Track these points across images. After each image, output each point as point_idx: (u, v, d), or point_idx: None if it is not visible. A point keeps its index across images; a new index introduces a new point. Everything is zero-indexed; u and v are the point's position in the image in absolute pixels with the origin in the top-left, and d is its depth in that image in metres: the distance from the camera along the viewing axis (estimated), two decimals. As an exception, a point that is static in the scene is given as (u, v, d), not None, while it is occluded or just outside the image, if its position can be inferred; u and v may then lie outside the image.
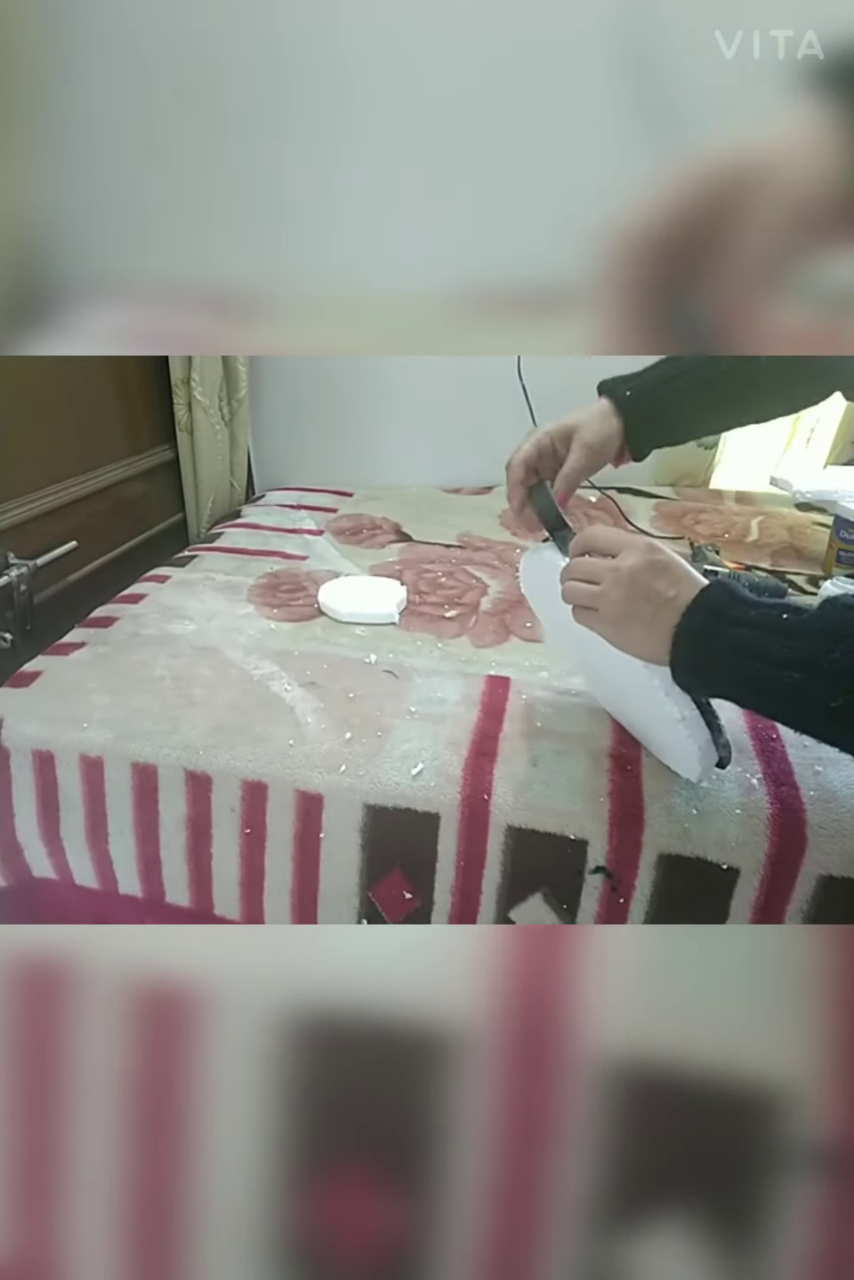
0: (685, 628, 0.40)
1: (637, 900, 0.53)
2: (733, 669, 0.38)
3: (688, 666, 0.41)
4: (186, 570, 0.95)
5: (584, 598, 0.47)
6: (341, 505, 1.26)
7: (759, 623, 0.38)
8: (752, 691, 0.39)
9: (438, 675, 0.70)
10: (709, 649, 0.40)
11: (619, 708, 0.61)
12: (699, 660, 0.41)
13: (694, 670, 0.41)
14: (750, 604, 0.39)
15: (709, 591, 0.41)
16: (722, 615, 0.39)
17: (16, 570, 0.83)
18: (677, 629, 0.41)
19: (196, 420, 1.21)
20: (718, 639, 0.39)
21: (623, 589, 0.44)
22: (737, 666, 0.38)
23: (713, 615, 0.40)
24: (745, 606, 0.39)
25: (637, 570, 0.44)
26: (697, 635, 0.40)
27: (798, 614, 0.37)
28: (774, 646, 0.36)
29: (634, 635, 0.44)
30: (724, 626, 0.39)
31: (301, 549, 1.04)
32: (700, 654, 0.40)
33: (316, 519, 1.18)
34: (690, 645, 0.41)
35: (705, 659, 0.40)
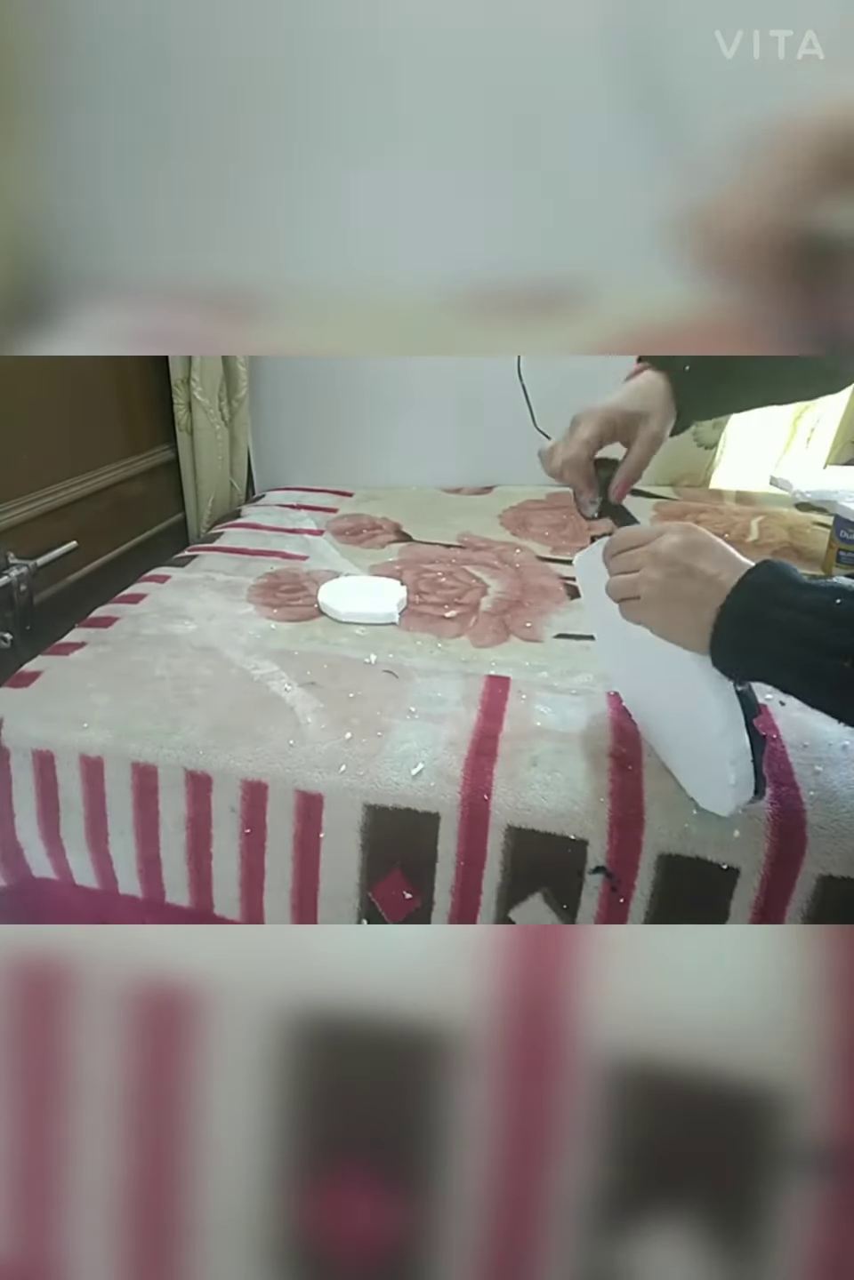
0: (730, 608, 0.39)
1: (637, 900, 0.53)
2: (780, 654, 0.37)
3: (731, 648, 0.40)
4: (186, 570, 0.95)
5: (626, 587, 0.45)
6: (341, 505, 1.26)
7: (810, 607, 0.36)
8: (799, 678, 0.37)
9: (438, 675, 0.70)
10: (756, 632, 0.38)
11: (655, 725, 0.58)
12: (744, 643, 0.39)
13: (738, 653, 0.40)
14: (801, 586, 0.37)
15: (757, 571, 0.39)
16: (770, 596, 0.38)
17: (16, 570, 0.83)
18: (721, 609, 0.39)
19: (196, 420, 1.21)
20: (765, 622, 0.37)
21: (662, 568, 0.42)
22: (784, 652, 0.36)
23: (760, 596, 0.38)
24: (795, 589, 0.37)
25: (676, 547, 0.42)
26: (742, 617, 0.38)
27: (851, 598, 0.36)
28: (826, 633, 0.35)
29: (678, 618, 0.42)
30: (772, 609, 0.37)
31: (301, 549, 1.04)
32: (745, 636, 0.39)
33: (316, 519, 1.18)
34: (735, 627, 0.39)
35: (751, 641, 0.39)
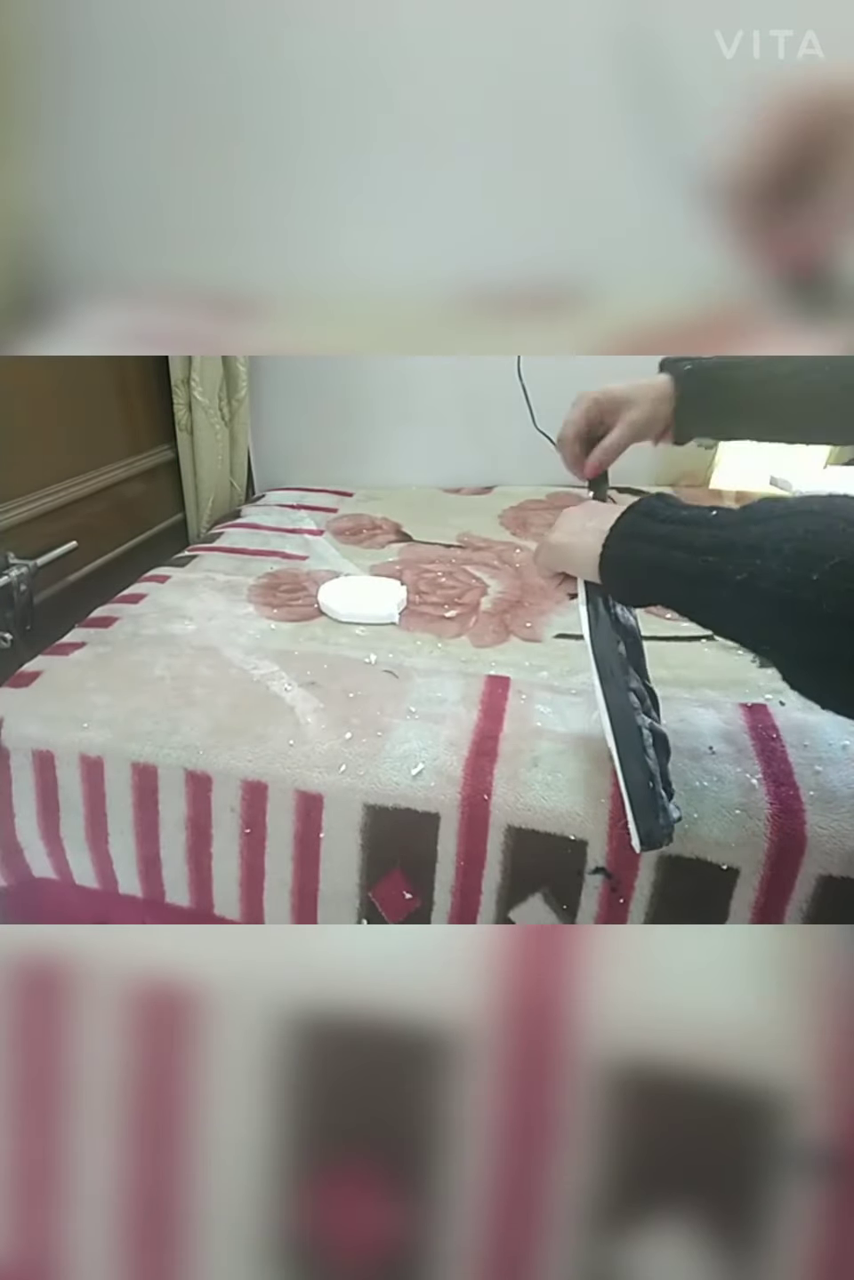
0: (616, 527, 0.42)
1: (637, 900, 0.53)
2: (656, 560, 0.39)
3: (615, 562, 0.43)
4: (186, 570, 0.95)
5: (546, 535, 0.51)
6: (341, 505, 1.26)
7: (687, 519, 0.39)
8: (671, 581, 0.39)
9: (438, 675, 0.70)
10: (637, 543, 0.41)
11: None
12: (626, 555, 0.42)
13: (621, 566, 0.43)
14: (682, 506, 0.41)
15: (644, 498, 0.43)
16: (652, 515, 0.41)
17: (16, 570, 0.83)
18: (610, 531, 0.43)
19: (196, 420, 1.21)
20: (646, 535, 0.40)
21: (564, 519, 0.49)
22: (660, 557, 0.39)
23: (644, 515, 0.41)
24: (677, 508, 0.41)
25: (579, 506, 0.49)
26: (626, 533, 0.42)
27: (728, 512, 0.38)
28: (698, 535, 0.37)
29: (573, 546, 0.47)
30: (653, 524, 0.40)
31: (301, 549, 1.04)
32: (628, 548, 0.42)
33: (316, 519, 1.18)
34: (619, 541, 0.42)
35: (632, 552, 0.41)
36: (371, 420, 1.40)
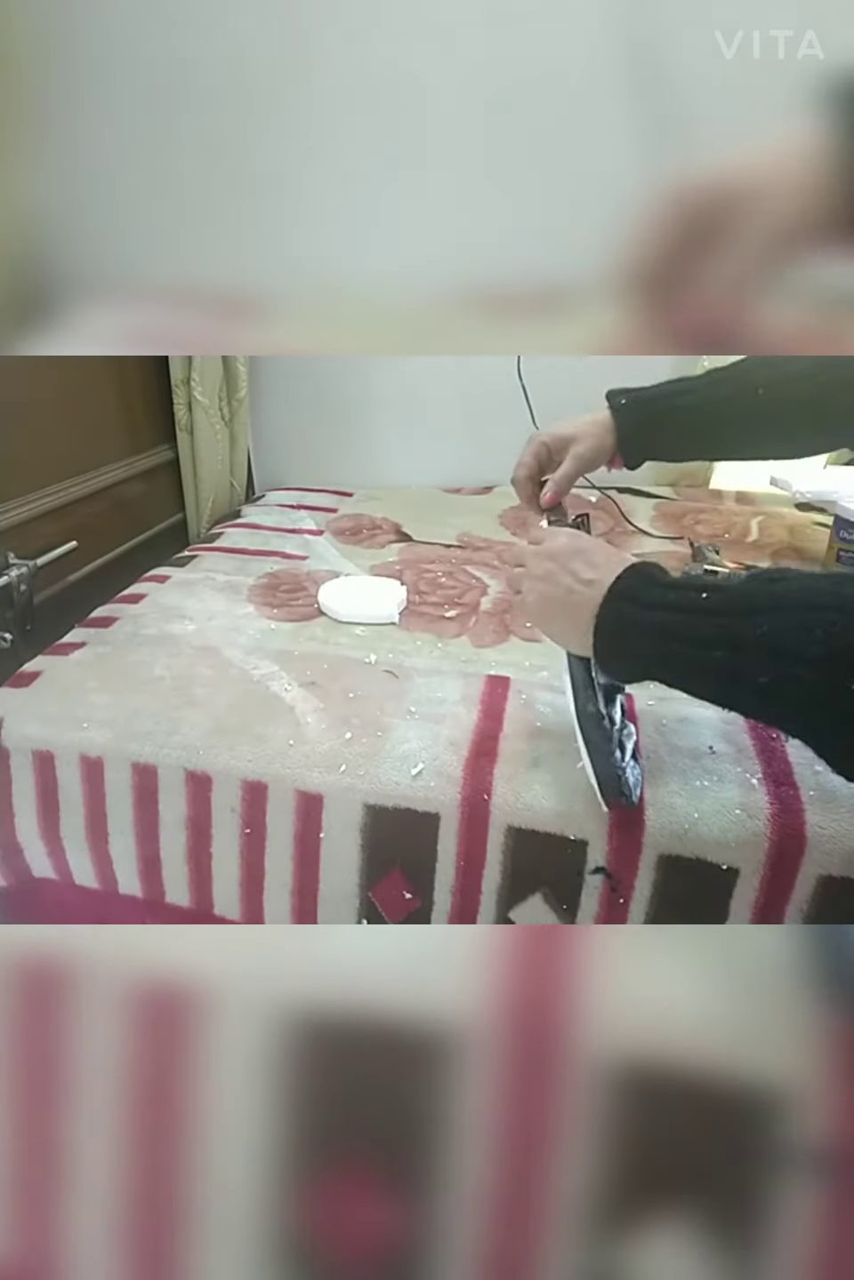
0: (602, 618, 0.41)
1: (637, 901, 0.53)
2: (655, 654, 0.38)
3: (610, 655, 0.42)
4: (186, 570, 0.95)
5: (513, 581, 0.48)
6: (341, 505, 1.26)
7: (677, 605, 0.37)
8: (677, 674, 0.39)
9: (438, 675, 0.70)
10: (629, 637, 0.40)
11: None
12: (621, 649, 0.41)
13: (617, 659, 0.42)
14: (666, 586, 0.39)
15: (623, 578, 0.41)
16: (636, 600, 0.39)
17: (16, 570, 0.83)
18: (596, 620, 0.41)
19: (196, 420, 1.21)
20: (636, 626, 0.39)
21: (543, 566, 0.45)
22: (658, 650, 0.38)
23: (628, 602, 0.40)
24: (662, 589, 0.39)
25: (556, 549, 0.45)
26: (614, 627, 0.40)
27: (719, 592, 0.37)
28: (696, 626, 0.36)
29: (556, 622, 0.45)
30: (640, 612, 0.39)
31: (301, 549, 1.04)
32: (621, 643, 0.41)
33: (316, 519, 1.18)
34: (610, 637, 0.41)
35: (627, 647, 0.40)
36: (371, 420, 1.40)
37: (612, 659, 0.42)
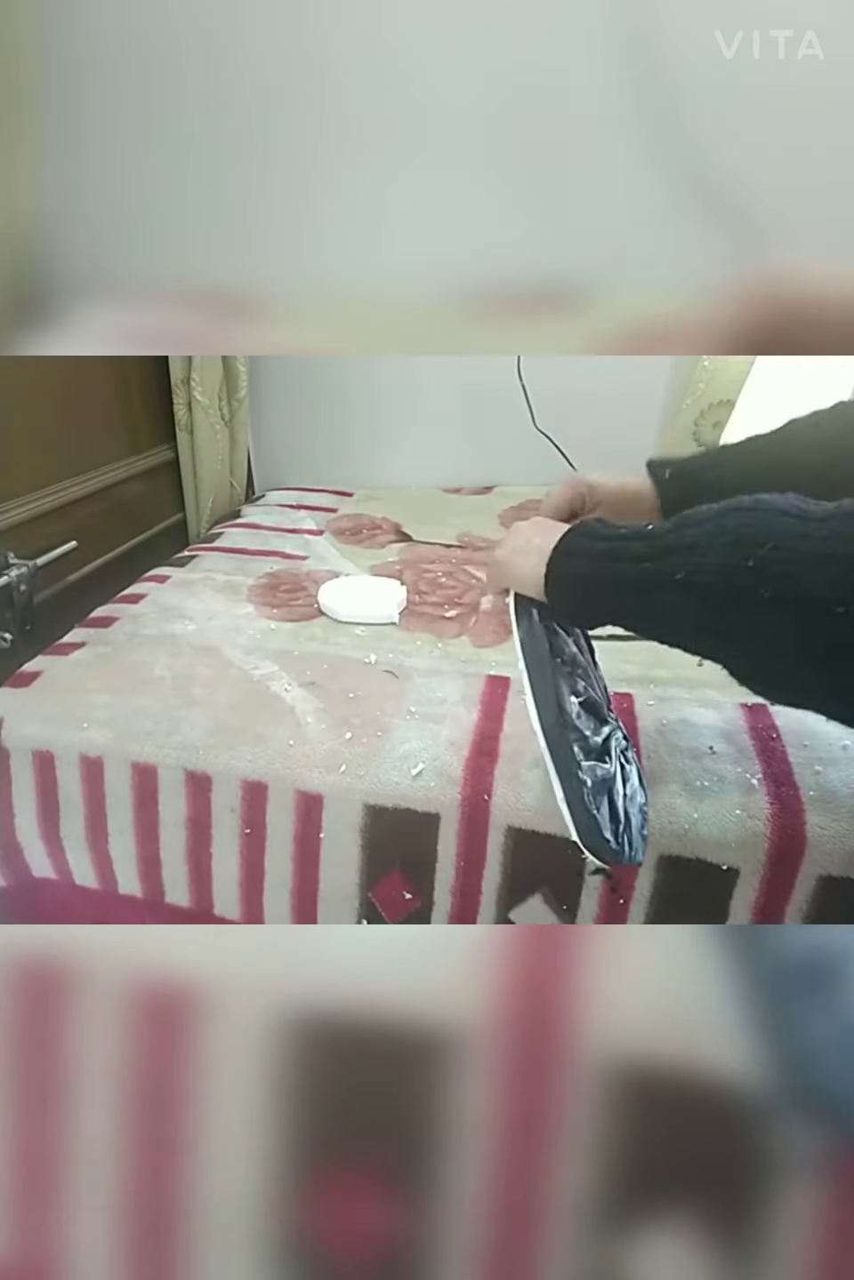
0: (559, 547, 0.44)
1: (636, 901, 0.53)
2: (597, 575, 0.41)
3: (558, 581, 0.44)
4: (186, 570, 0.95)
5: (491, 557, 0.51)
6: (342, 505, 1.26)
7: (626, 534, 0.41)
8: (613, 593, 0.41)
9: (438, 675, 0.70)
10: (578, 560, 0.43)
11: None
12: (568, 573, 0.44)
13: (565, 582, 0.44)
14: (620, 525, 0.43)
15: (585, 521, 0.45)
16: (592, 534, 0.43)
17: (16, 570, 0.83)
18: (553, 550, 0.44)
19: (196, 420, 1.21)
20: (586, 553, 0.43)
21: (512, 534, 0.50)
22: (600, 572, 0.41)
23: (585, 535, 0.44)
24: (615, 526, 0.43)
25: (528, 522, 0.50)
26: (568, 551, 0.44)
27: (664, 523, 0.40)
28: (634, 547, 0.39)
29: (519, 563, 0.48)
30: (593, 542, 0.42)
31: (301, 549, 1.04)
32: (571, 566, 0.44)
33: (316, 519, 1.18)
34: (561, 560, 0.44)
35: (575, 570, 0.43)
36: (371, 420, 1.40)
37: (560, 586, 0.44)
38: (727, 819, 0.51)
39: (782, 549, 0.32)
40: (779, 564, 0.32)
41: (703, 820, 0.52)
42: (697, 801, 0.53)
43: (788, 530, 0.32)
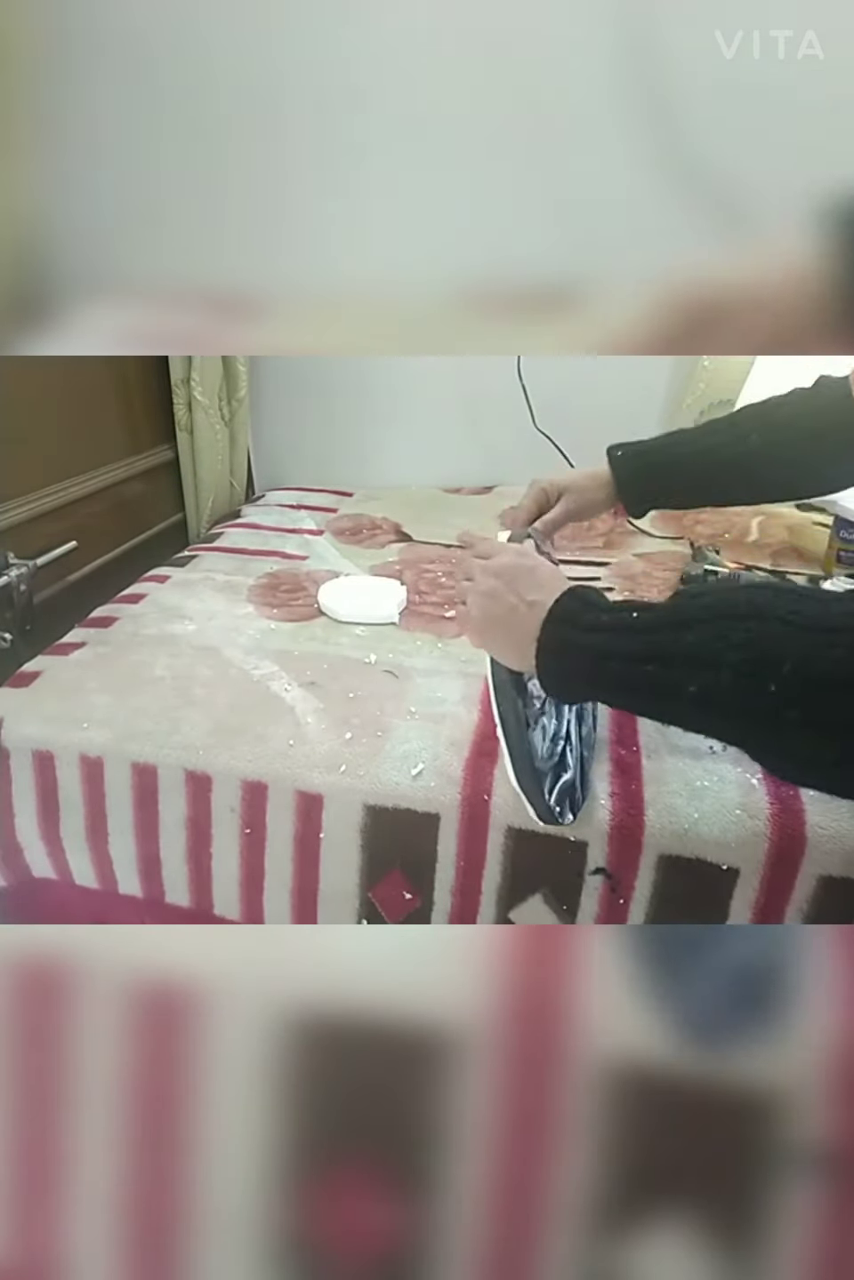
0: (544, 643, 0.42)
1: (637, 901, 0.53)
2: (592, 673, 0.40)
3: (552, 677, 0.43)
4: (186, 570, 0.95)
5: (461, 592, 0.49)
6: (341, 505, 1.26)
7: (611, 625, 0.39)
8: (614, 691, 0.40)
9: (438, 675, 0.70)
10: (568, 659, 0.41)
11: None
12: (561, 671, 0.42)
13: (558, 680, 0.43)
14: (602, 609, 0.41)
15: (561, 602, 0.42)
16: (575, 624, 0.41)
17: (16, 570, 0.83)
18: (538, 640, 0.42)
19: (196, 420, 1.21)
20: (575, 647, 0.41)
21: (489, 583, 0.46)
22: (595, 669, 0.39)
23: (567, 625, 0.41)
24: (598, 612, 0.41)
25: (502, 567, 0.46)
26: (555, 649, 0.42)
27: (649, 611, 0.39)
28: (628, 644, 0.38)
29: (499, 640, 0.46)
30: (578, 635, 0.41)
31: (301, 549, 1.04)
32: (561, 665, 0.42)
33: (316, 519, 1.18)
34: (551, 659, 0.42)
35: (566, 669, 0.42)
36: (372, 420, 1.40)
37: (552, 678, 0.43)
38: (727, 819, 0.51)
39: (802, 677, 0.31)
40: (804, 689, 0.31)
41: (703, 820, 0.52)
42: (697, 801, 0.53)
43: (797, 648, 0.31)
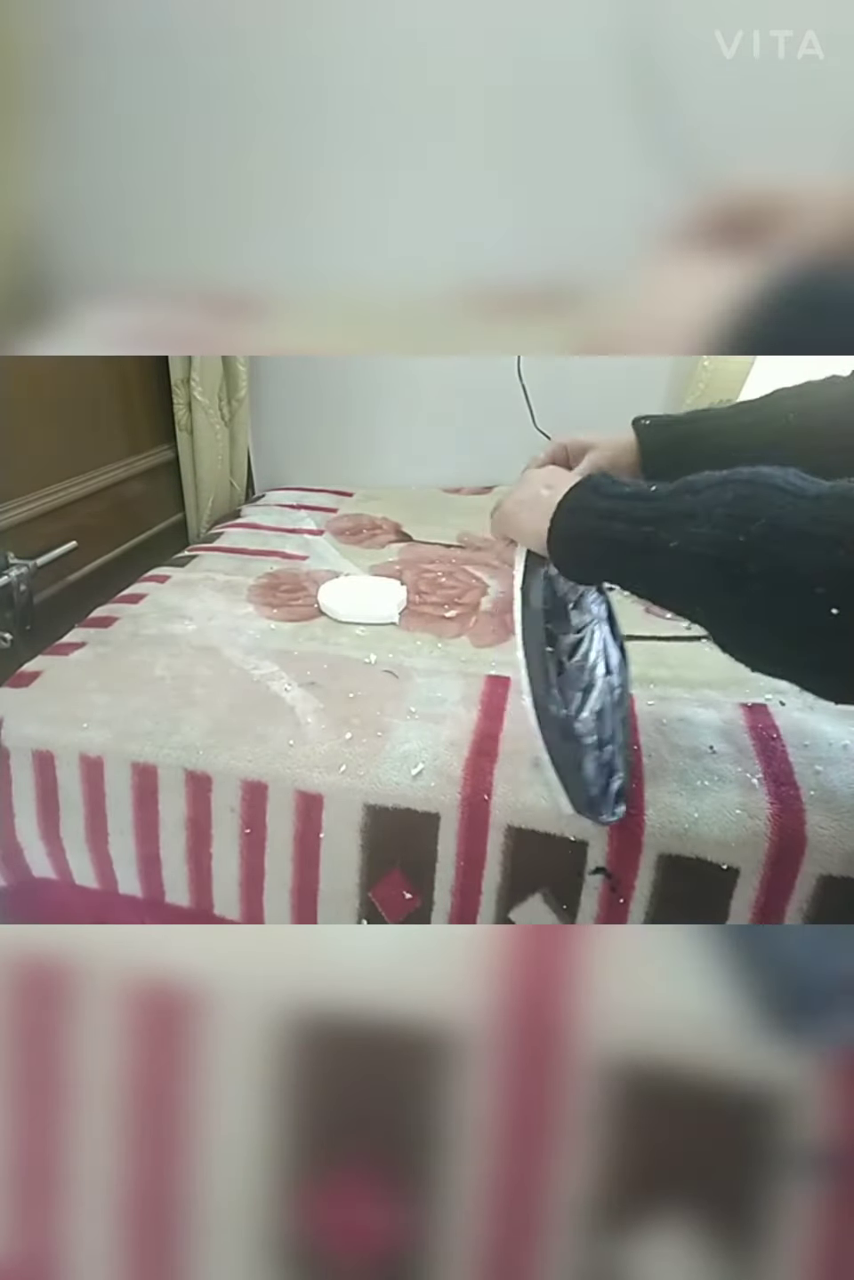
0: (563, 503, 0.44)
1: (637, 900, 0.53)
2: (598, 533, 0.41)
3: (561, 535, 0.44)
4: (186, 570, 0.95)
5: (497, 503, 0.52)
6: (341, 505, 1.26)
7: (629, 494, 0.41)
8: (612, 552, 0.41)
9: (438, 675, 0.70)
10: (581, 516, 0.43)
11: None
12: (572, 529, 0.44)
13: (568, 539, 0.44)
14: (624, 483, 0.42)
15: (591, 476, 0.45)
16: (597, 490, 0.43)
17: (16, 570, 0.83)
18: (558, 506, 0.44)
19: (196, 420, 1.21)
20: (589, 509, 0.42)
21: (521, 483, 0.50)
22: (602, 530, 0.41)
23: (588, 490, 0.43)
24: (620, 485, 0.42)
25: (535, 471, 0.50)
26: (572, 508, 0.44)
27: (666, 485, 0.40)
28: (636, 509, 0.39)
29: (521, 516, 0.48)
30: (597, 498, 0.42)
31: (301, 549, 1.04)
32: (574, 523, 0.44)
33: (316, 519, 1.18)
34: (566, 516, 0.44)
35: (578, 527, 0.43)
36: (372, 420, 1.40)
37: (563, 541, 0.44)
38: (727, 818, 0.51)
39: (772, 527, 0.32)
40: (768, 541, 0.32)
41: (703, 820, 0.52)
42: (697, 801, 0.53)
43: (782, 507, 0.33)
